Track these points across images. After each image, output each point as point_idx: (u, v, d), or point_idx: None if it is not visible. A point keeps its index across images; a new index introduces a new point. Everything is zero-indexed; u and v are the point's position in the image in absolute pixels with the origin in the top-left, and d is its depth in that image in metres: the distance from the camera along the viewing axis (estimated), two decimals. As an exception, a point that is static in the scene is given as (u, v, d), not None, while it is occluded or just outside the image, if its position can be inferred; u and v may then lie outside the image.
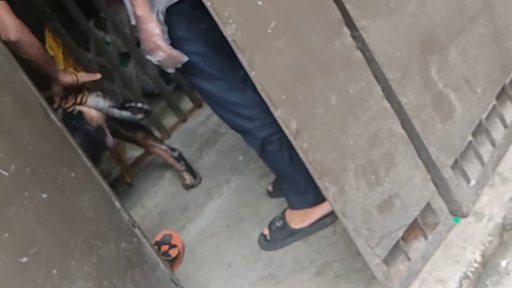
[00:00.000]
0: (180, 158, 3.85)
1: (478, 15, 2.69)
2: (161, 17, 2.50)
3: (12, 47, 2.85)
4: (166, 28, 2.52)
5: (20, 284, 1.92)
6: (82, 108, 3.34)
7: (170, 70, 2.66)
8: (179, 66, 2.62)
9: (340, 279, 2.66)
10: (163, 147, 3.84)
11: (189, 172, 3.88)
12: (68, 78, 3.29)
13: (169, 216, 3.80)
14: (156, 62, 2.60)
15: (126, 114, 3.50)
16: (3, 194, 1.92)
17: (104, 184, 2.40)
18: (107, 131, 3.42)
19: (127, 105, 3.52)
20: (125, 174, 4.06)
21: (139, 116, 3.57)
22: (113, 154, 4.15)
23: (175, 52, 2.56)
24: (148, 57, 2.60)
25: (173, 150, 3.85)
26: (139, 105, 3.59)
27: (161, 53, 2.55)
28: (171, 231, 3.49)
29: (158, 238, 3.44)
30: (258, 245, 3.13)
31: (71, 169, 2.22)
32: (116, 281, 2.21)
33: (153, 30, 2.51)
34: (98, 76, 3.46)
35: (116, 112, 3.46)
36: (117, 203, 2.42)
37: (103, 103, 3.42)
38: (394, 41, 2.39)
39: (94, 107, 3.39)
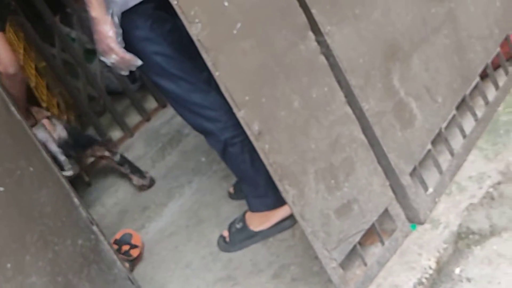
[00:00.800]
0: (123, 161, 3.85)
1: (442, 25, 2.73)
2: (116, 20, 2.49)
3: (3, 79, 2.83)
4: (120, 31, 2.51)
5: (-28, 277, 1.90)
6: None
7: (124, 73, 2.65)
8: (133, 69, 2.61)
9: (297, 282, 2.68)
10: (106, 153, 3.82)
11: (135, 174, 3.88)
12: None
13: (129, 215, 3.78)
14: (109, 64, 2.59)
15: (61, 158, 3.50)
16: (-42, 185, 1.90)
17: (63, 180, 2.38)
18: None
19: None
20: (83, 173, 4.02)
21: (68, 173, 3.57)
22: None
23: (128, 56, 2.56)
24: (102, 58, 2.59)
25: (114, 154, 3.85)
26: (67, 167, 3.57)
27: (114, 56, 2.54)
28: (131, 230, 3.47)
29: (117, 236, 3.42)
30: (217, 246, 3.13)
31: (30, 163, 2.20)
32: (71, 277, 2.19)
33: (107, 32, 2.50)
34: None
35: (52, 150, 3.46)
36: (75, 200, 2.40)
37: (42, 135, 3.42)
38: (358, 48, 2.41)
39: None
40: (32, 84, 3.85)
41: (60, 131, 3.53)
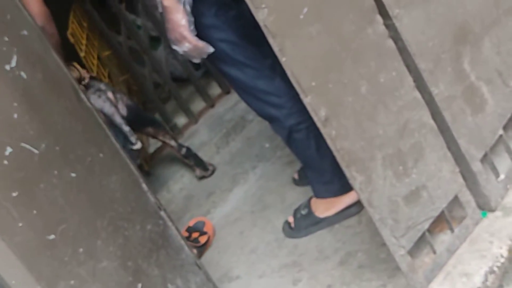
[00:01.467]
0: (189, 154, 3.92)
1: (514, 7, 2.64)
2: (188, 8, 2.50)
3: None
4: (192, 19, 2.52)
5: (46, 261, 1.94)
6: None
7: (196, 61, 2.66)
8: (205, 56, 2.62)
9: (363, 269, 2.65)
10: (172, 143, 3.89)
11: (198, 166, 3.95)
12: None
13: (195, 200, 3.82)
14: (181, 53, 2.60)
15: (125, 129, 3.49)
16: (32, 172, 1.94)
17: (132, 166, 2.41)
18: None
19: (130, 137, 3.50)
20: (144, 162, 4.08)
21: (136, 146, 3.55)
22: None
23: (201, 43, 2.56)
24: (174, 47, 2.60)
25: (181, 147, 3.91)
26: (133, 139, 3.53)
27: (187, 44, 2.55)
28: (204, 218, 3.51)
29: (191, 223, 3.47)
30: (283, 232, 3.13)
31: (100, 149, 2.24)
32: (141, 262, 2.23)
33: (179, 21, 2.51)
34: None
35: (117, 122, 3.46)
36: (144, 185, 2.43)
37: (108, 108, 3.43)
38: (427, 31, 2.36)
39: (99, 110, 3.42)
40: (93, 74, 3.90)
41: (122, 106, 3.56)
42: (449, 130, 2.42)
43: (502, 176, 2.59)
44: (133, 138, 3.47)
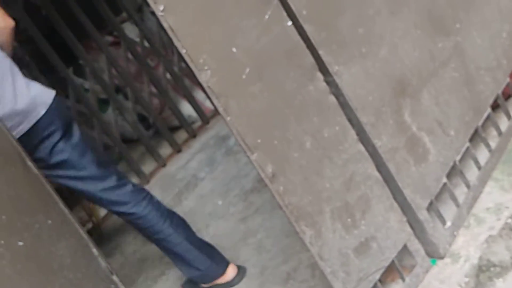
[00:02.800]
0: None
1: (449, 59, 2.75)
2: None
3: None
4: None
5: (-5, 333, 1.90)
6: None
7: None
8: None
9: (319, 323, 2.65)
10: None
11: None
12: None
13: (149, 262, 3.78)
14: None
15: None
16: (-22, 242, 1.91)
17: (81, 231, 2.39)
18: None
19: None
20: (95, 225, 4.05)
21: None
22: (85, 206, 4.12)
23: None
24: None
25: None
26: None
27: None
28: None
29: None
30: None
31: (48, 216, 2.22)
32: (93, 329, 2.19)
33: None
34: None
35: None
36: (94, 250, 2.40)
37: None
38: (367, 86, 2.43)
39: None
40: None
41: None
42: (394, 181, 2.48)
43: (448, 223, 2.65)
44: None
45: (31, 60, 4.30)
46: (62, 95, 4.55)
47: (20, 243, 2.04)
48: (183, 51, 2.03)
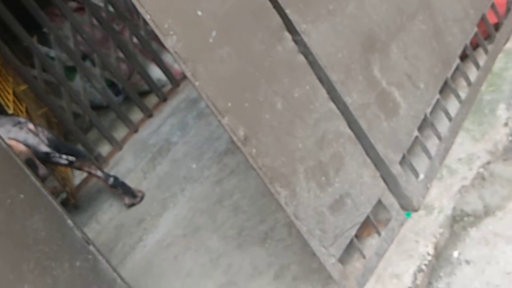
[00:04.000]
0: (116, 184, 3.88)
1: (417, 12, 2.74)
2: None
3: None
4: None
5: (-28, 312, 1.89)
6: (11, 142, 3.33)
7: None
8: None
9: (298, 281, 2.68)
10: (99, 173, 3.85)
11: (127, 194, 3.91)
12: None
13: (125, 229, 3.78)
14: None
15: (52, 159, 3.59)
16: (-51, 221, 1.89)
17: (55, 203, 2.37)
18: (37, 162, 3.50)
19: (53, 156, 3.61)
20: (70, 195, 4.03)
21: (63, 162, 3.68)
22: (58, 176, 4.09)
23: None
24: None
25: (108, 176, 3.88)
26: (64, 157, 3.66)
27: None
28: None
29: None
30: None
31: (20, 190, 2.19)
32: (72, 300, 2.19)
33: None
34: None
35: (42, 152, 3.52)
36: (69, 221, 2.39)
37: (32, 140, 3.48)
38: (336, 43, 2.42)
39: (22, 142, 3.39)
40: (9, 111, 3.83)
41: (44, 139, 3.57)
42: (366, 137, 2.48)
43: (421, 176, 2.67)
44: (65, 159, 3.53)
45: (-7, 30, 4.21)
46: (27, 64, 4.48)
47: (-7, 220, 2.02)
48: (147, 17, 2.00)
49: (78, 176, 4.34)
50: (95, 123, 4.52)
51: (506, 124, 2.78)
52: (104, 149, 4.53)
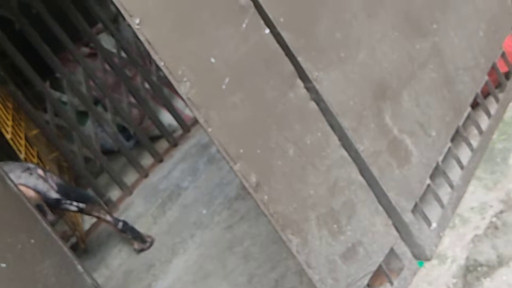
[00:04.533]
0: (125, 228, 3.87)
1: (428, 60, 2.75)
2: None
3: None
4: None
5: None
6: (21, 188, 3.34)
7: None
8: None
9: (309, 330, 2.64)
10: (108, 218, 3.84)
11: (136, 239, 3.90)
12: None
13: (134, 274, 3.75)
14: None
15: (62, 205, 3.61)
16: (-41, 266, 1.88)
17: (65, 248, 2.36)
18: (46, 209, 3.50)
19: (63, 203, 3.61)
20: (79, 240, 4.01)
21: (73, 208, 3.68)
22: (68, 220, 4.09)
23: None
24: None
25: (118, 221, 3.87)
26: (74, 203, 3.66)
27: None
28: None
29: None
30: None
31: (30, 235, 2.18)
32: None
33: None
34: None
35: (52, 199, 3.53)
36: (79, 267, 2.38)
37: (42, 186, 3.49)
38: (347, 90, 2.42)
39: (32, 188, 3.40)
40: (21, 155, 3.84)
41: (53, 184, 3.58)
42: (378, 184, 2.47)
43: (434, 225, 2.65)
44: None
45: (6, 75, 4.25)
46: (39, 109, 4.52)
47: (3, 265, 2.01)
48: (161, 64, 2.01)
49: (87, 221, 4.33)
50: (106, 167, 4.53)
51: (518, 173, 2.77)
52: (114, 193, 4.53)
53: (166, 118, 4.97)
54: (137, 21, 1.96)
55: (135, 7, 1.96)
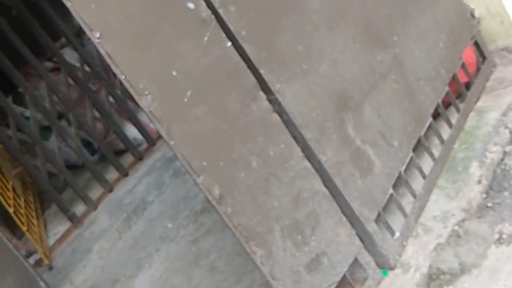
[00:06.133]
0: None
1: (389, 71, 2.79)
2: None
3: None
4: None
5: None
6: None
7: None
8: None
9: None
10: None
11: None
12: None
13: (99, 291, 3.72)
14: None
15: None
16: None
17: (27, 265, 2.34)
18: None
19: None
20: (43, 256, 3.96)
21: None
22: (34, 236, 4.03)
23: None
24: None
25: None
26: None
27: None
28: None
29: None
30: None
31: (-9, 252, 2.16)
32: None
33: None
34: None
35: None
36: (41, 284, 2.35)
37: None
38: (310, 102, 2.44)
39: None
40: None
41: None
42: (341, 195, 2.49)
43: (397, 234, 2.67)
44: None
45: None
46: (2, 124, 4.46)
47: (-38, 283, 1.98)
48: (122, 77, 2.00)
49: (52, 237, 4.28)
50: (70, 182, 4.48)
51: (479, 182, 2.81)
52: (79, 208, 4.47)
53: (131, 131, 4.94)
54: (98, 35, 1.95)
55: (95, 21, 1.95)
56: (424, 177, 2.86)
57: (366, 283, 2.54)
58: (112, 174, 4.73)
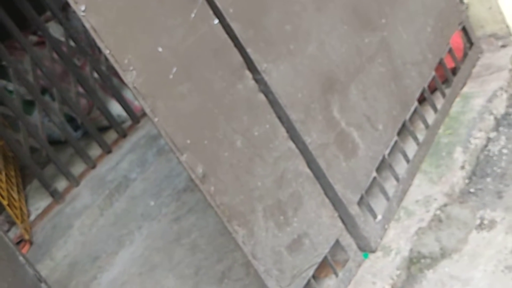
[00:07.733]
0: None
1: (376, 54, 2.78)
2: None
3: None
4: None
5: None
6: None
7: None
8: None
9: (254, 321, 2.65)
10: None
11: None
12: None
13: (79, 266, 3.70)
14: None
15: None
16: None
17: (7, 239, 2.32)
18: None
19: None
20: (24, 231, 3.93)
21: None
22: (14, 210, 4.00)
23: None
24: None
25: None
26: None
27: None
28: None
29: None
30: None
31: (-30, 225, 2.14)
32: None
33: None
34: None
35: None
36: (21, 258, 2.34)
37: None
38: (296, 83, 2.43)
39: None
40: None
41: None
42: (325, 177, 2.48)
43: (379, 217, 2.67)
44: None
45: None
46: (-15, 97, 4.41)
47: None
48: (106, 52, 1.98)
49: (33, 212, 4.25)
50: (52, 158, 4.44)
51: (462, 167, 2.82)
52: (61, 184, 4.44)
53: (115, 108, 4.90)
54: (83, 8, 1.92)
55: (80, -7, 1.92)
56: (407, 161, 2.86)
57: (347, 265, 2.55)
58: (95, 151, 4.70)
